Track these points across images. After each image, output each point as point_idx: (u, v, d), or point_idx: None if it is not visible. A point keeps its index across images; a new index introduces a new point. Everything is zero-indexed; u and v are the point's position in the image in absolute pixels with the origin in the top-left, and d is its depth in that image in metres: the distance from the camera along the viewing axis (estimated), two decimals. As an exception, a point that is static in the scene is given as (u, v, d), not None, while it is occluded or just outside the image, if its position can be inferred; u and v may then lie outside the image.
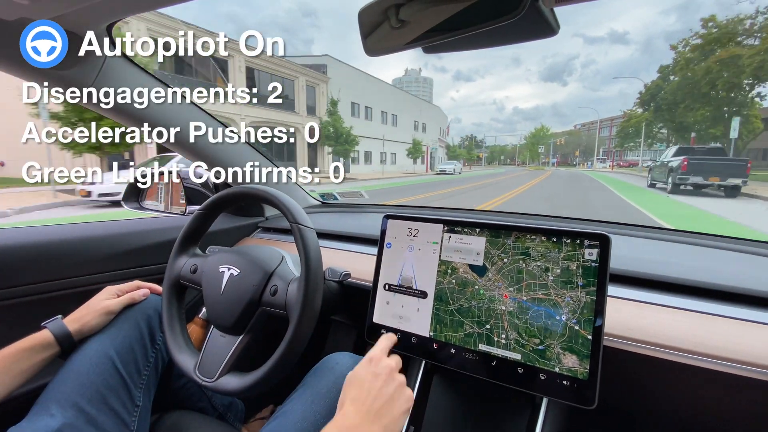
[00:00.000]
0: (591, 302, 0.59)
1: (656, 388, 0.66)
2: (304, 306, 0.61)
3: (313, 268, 0.63)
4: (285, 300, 0.65)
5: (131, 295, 0.72)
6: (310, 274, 0.62)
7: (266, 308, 0.67)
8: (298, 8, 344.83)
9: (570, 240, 0.63)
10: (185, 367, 0.66)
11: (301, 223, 0.65)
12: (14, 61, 0.64)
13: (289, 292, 0.65)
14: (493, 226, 0.70)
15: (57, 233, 0.92)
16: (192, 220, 0.75)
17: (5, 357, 0.58)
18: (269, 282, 0.68)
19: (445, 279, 0.72)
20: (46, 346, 0.62)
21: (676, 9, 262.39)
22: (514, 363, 0.64)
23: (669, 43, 28.55)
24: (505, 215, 1.13)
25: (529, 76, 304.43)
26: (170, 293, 0.72)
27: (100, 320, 0.67)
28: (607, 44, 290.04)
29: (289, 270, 0.72)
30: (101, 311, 0.68)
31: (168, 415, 0.74)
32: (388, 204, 1.45)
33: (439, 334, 0.71)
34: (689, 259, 0.80)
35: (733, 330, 0.57)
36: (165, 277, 0.74)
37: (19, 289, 0.84)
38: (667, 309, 0.63)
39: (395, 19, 0.50)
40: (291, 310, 0.64)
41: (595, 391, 0.57)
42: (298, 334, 0.61)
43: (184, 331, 0.70)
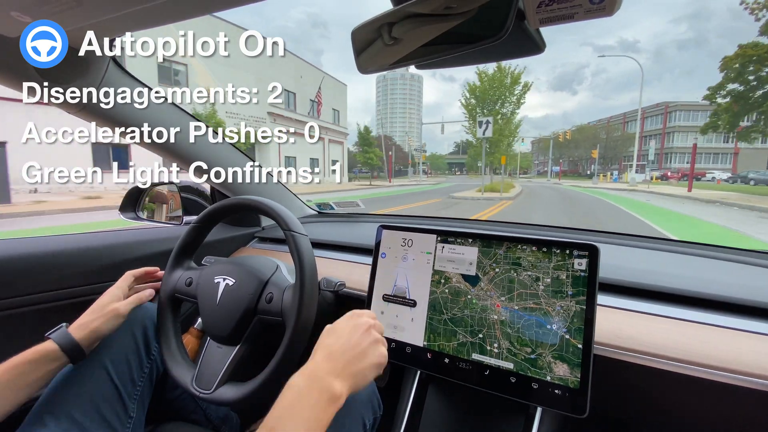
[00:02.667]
0: (581, 311, 0.60)
1: (648, 396, 0.67)
2: (300, 312, 0.62)
3: (308, 275, 0.64)
4: (281, 307, 0.66)
5: (138, 296, 0.70)
6: (305, 281, 0.63)
7: (262, 316, 0.67)
8: (308, 19, 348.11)
9: (560, 250, 0.64)
10: (182, 381, 0.66)
11: (294, 230, 0.66)
12: (14, 62, 0.65)
13: (284, 299, 0.66)
14: (485, 236, 0.71)
15: (56, 244, 0.93)
16: (186, 234, 0.76)
17: (8, 370, 0.56)
18: (264, 290, 0.68)
19: (439, 288, 0.73)
20: (52, 358, 0.59)
21: (687, 18, 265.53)
22: (507, 372, 0.65)
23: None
24: (498, 224, 1.15)
25: (539, 85, 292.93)
26: (165, 307, 0.72)
27: (111, 324, 0.65)
28: (618, 53, 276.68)
29: (284, 278, 0.73)
30: (110, 314, 0.65)
31: (162, 426, 0.73)
32: (384, 213, 1.45)
33: (432, 343, 0.72)
34: (681, 268, 0.81)
35: (725, 339, 0.58)
36: (160, 291, 0.74)
37: (18, 300, 0.84)
38: (658, 318, 0.64)
39: (388, 36, 0.52)
40: (287, 317, 0.64)
41: (587, 400, 0.58)
42: (294, 339, 0.62)
43: (180, 345, 0.71)
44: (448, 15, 0.46)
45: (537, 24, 0.45)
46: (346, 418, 0.64)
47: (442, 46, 0.47)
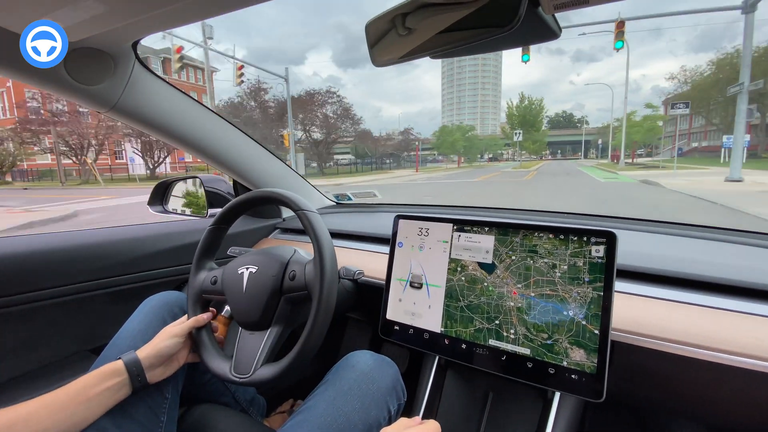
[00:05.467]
0: (598, 298, 0.61)
1: (667, 382, 0.66)
2: (323, 279, 0.64)
3: (325, 245, 0.66)
4: (304, 280, 0.68)
5: (195, 319, 0.72)
6: (324, 250, 0.65)
7: (288, 294, 0.70)
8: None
9: (577, 237, 0.64)
10: (222, 373, 0.69)
11: (305, 208, 0.69)
12: (14, 62, 0.67)
13: (307, 272, 0.69)
14: (502, 224, 0.72)
15: (89, 237, 0.98)
16: (206, 236, 0.79)
17: (73, 384, 0.58)
18: (287, 269, 0.71)
19: (455, 276, 0.74)
20: (112, 373, 0.62)
21: None
22: (524, 357, 0.66)
23: None
24: (513, 212, 1.14)
25: (674, 48, 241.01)
26: (195, 307, 0.76)
27: (170, 342, 0.68)
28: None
29: (303, 256, 0.75)
30: (168, 335, 0.69)
31: (194, 408, 0.78)
32: (400, 204, 1.47)
33: (450, 329, 0.74)
34: (699, 253, 0.80)
35: (746, 324, 0.57)
36: (188, 293, 0.77)
37: (57, 290, 0.90)
38: (677, 304, 0.63)
39: (402, 26, 0.52)
40: (311, 287, 0.67)
41: (604, 384, 0.59)
42: (322, 306, 0.64)
43: (213, 341, 0.74)
44: (460, 3, 0.46)
45: (551, 10, 0.45)
46: (372, 406, 0.66)
47: (456, 34, 0.47)
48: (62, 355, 0.94)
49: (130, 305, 0.80)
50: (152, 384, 0.66)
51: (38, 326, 0.89)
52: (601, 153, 61.56)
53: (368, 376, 0.69)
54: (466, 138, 44.23)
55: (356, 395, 0.65)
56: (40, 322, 0.90)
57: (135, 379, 0.63)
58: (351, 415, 0.63)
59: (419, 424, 0.53)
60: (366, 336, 1.40)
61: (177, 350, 0.69)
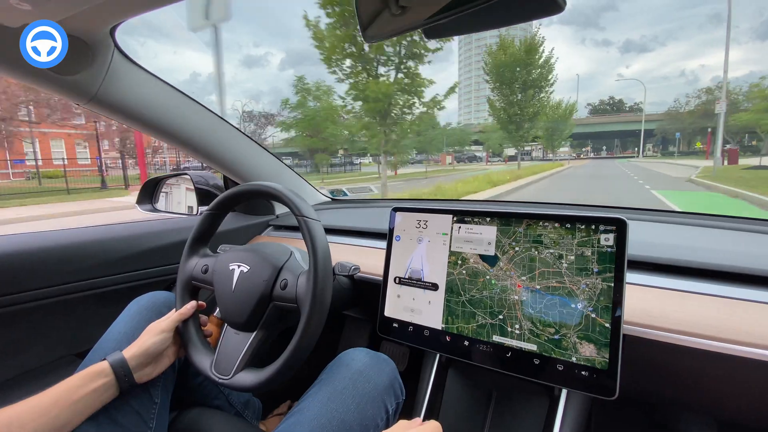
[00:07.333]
0: (608, 289, 0.57)
1: (678, 376, 0.63)
2: (314, 297, 0.61)
3: (321, 260, 0.63)
4: (295, 293, 0.65)
5: (179, 312, 0.70)
6: (319, 266, 0.62)
7: (277, 303, 0.67)
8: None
9: (584, 226, 0.61)
10: (201, 366, 0.67)
11: (307, 215, 0.65)
12: (14, 62, 0.65)
13: (299, 285, 0.65)
14: (504, 214, 0.68)
15: (74, 236, 0.94)
16: (201, 221, 0.76)
17: (61, 390, 0.55)
18: (279, 276, 0.68)
19: (456, 270, 0.71)
20: (98, 374, 0.59)
21: None
22: (530, 354, 0.62)
23: None
24: (515, 204, 1.11)
25: (737, 35, 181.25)
26: (183, 294, 0.73)
27: (157, 339, 0.64)
28: None
29: (298, 264, 0.72)
30: (154, 331, 0.65)
31: (186, 412, 0.74)
32: (398, 198, 1.43)
33: (451, 326, 0.70)
34: (712, 242, 0.77)
35: (764, 315, 0.55)
36: (177, 279, 0.75)
37: (41, 291, 0.86)
38: (691, 295, 0.60)
39: (396, 6, 0.49)
40: (302, 303, 0.64)
41: (617, 381, 0.55)
42: (309, 325, 0.61)
43: (199, 331, 0.71)
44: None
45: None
46: (368, 405, 0.63)
47: (453, 9, 0.44)
48: (47, 360, 0.90)
49: (118, 307, 0.77)
50: (141, 385, 0.63)
51: (21, 330, 0.85)
52: (663, 148, 42.38)
53: (363, 375, 0.66)
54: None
55: (351, 395, 0.63)
56: (23, 326, 0.86)
57: (122, 380, 0.60)
58: (346, 416, 0.60)
59: (420, 425, 0.50)
60: (365, 334, 1.36)
61: (165, 347, 0.66)
